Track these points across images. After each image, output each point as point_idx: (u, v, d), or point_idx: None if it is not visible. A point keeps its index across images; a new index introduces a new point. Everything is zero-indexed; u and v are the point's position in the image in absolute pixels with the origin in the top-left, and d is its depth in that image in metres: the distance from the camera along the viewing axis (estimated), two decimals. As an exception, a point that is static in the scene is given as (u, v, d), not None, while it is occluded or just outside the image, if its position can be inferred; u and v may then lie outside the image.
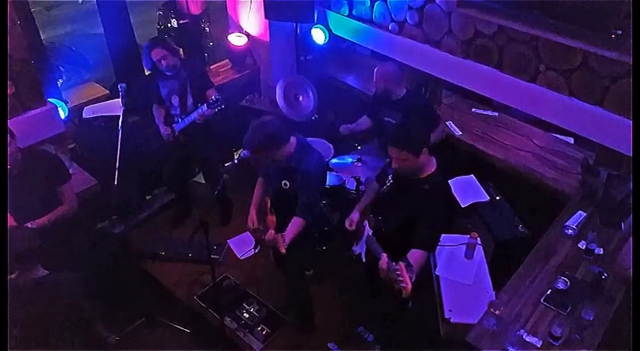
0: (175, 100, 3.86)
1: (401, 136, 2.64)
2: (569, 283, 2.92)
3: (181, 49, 3.85)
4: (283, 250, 2.86)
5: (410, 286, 2.39)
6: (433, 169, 2.72)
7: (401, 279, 2.40)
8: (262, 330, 3.49)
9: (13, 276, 2.34)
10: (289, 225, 2.96)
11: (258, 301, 3.70)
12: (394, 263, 2.48)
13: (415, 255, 2.60)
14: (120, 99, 3.76)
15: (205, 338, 3.53)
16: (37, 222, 2.96)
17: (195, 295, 3.76)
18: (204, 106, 3.63)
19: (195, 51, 5.39)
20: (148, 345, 3.47)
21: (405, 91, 3.79)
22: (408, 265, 2.47)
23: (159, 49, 3.62)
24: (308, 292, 3.53)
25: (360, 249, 3.06)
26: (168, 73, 3.74)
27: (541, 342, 2.67)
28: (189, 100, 3.84)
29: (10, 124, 3.09)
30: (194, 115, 3.72)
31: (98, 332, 2.57)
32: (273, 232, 2.96)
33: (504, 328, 2.75)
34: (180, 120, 3.88)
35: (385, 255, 2.59)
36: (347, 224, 3.03)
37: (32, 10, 4.00)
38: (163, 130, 3.93)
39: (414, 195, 2.69)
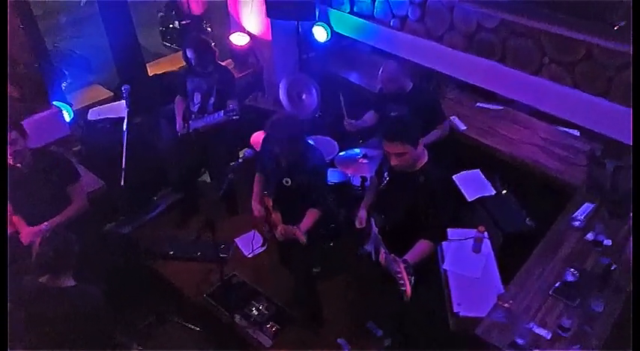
0: (197, 98, 3.96)
1: (397, 129, 2.64)
2: (577, 275, 2.92)
3: (217, 52, 3.99)
4: (303, 239, 2.89)
5: (409, 290, 2.41)
6: (425, 160, 2.73)
7: (402, 282, 2.41)
8: (271, 327, 3.50)
9: (44, 279, 2.33)
10: (305, 217, 2.99)
11: (267, 298, 3.71)
12: (393, 257, 2.50)
13: (422, 246, 2.61)
14: (124, 101, 3.78)
15: (215, 336, 3.56)
16: (50, 222, 2.98)
17: (205, 294, 3.76)
18: (222, 113, 3.80)
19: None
20: (159, 343, 3.49)
21: (411, 84, 3.78)
22: (408, 267, 2.48)
23: (191, 51, 3.84)
24: (315, 288, 3.54)
25: (370, 247, 3.07)
26: (199, 70, 3.90)
27: (550, 334, 2.66)
28: (211, 103, 3.95)
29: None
30: (209, 119, 3.85)
31: (120, 342, 2.56)
32: (282, 226, 2.97)
33: (513, 321, 2.75)
34: (195, 117, 3.96)
35: (383, 249, 2.61)
36: (357, 224, 3.03)
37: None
38: (179, 124, 3.99)
39: (410, 189, 2.69)
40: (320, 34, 4.93)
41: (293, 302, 3.66)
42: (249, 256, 4.04)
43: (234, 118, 3.79)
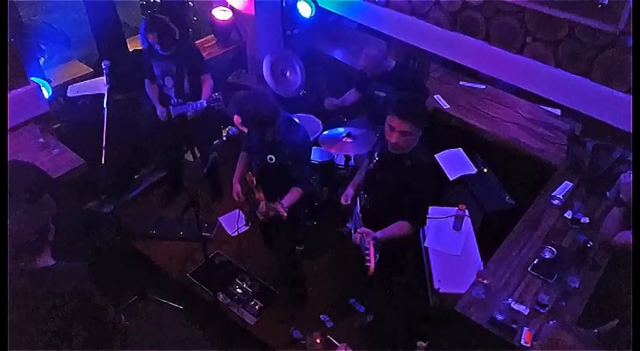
0: (169, 82, 3.82)
1: (408, 108, 2.59)
2: (555, 252, 2.99)
3: (177, 30, 3.80)
4: (285, 213, 2.88)
5: (372, 267, 2.40)
6: (415, 144, 2.72)
7: (368, 258, 2.41)
8: (255, 304, 3.53)
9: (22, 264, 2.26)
10: (287, 194, 2.98)
11: (251, 276, 3.74)
12: (365, 232, 2.53)
13: (398, 226, 2.64)
14: (104, 77, 3.70)
15: (199, 314, 3.58)
16: None
17: (188, 273, 3.78)
18: (204, 102, 3.70)
19: (178, 27, 5.27)
20: (141, 322, 3.50)
21: (393, 63, 3.78)
22: (377, 244, 2.47)
23: (153, 35, 3.60)
24: (300, 267, 3.57)
25: (352, 225, 3.09)
26: (162, 53, 3.71)
27: (528, 309, 2.74)
28: (186, 85, 3.83)
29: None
30: (192, 107, 3.75)
31: (111, 318, 2.50)
32: (264, 203, 2.97)
33: (492, 297, 2.81)
34: (175, 101, 3.84)
35: (359, 229, 2.63)
36: (343, 200, 3.04)
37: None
38: (159, 110, 3.87)
39: (396, 172, 2.68)
40: (304, 9, 4.85)
41: (277, 280, 3.70)
42: (233, 235, 4.05)
43: (217, 108, 3.70)
